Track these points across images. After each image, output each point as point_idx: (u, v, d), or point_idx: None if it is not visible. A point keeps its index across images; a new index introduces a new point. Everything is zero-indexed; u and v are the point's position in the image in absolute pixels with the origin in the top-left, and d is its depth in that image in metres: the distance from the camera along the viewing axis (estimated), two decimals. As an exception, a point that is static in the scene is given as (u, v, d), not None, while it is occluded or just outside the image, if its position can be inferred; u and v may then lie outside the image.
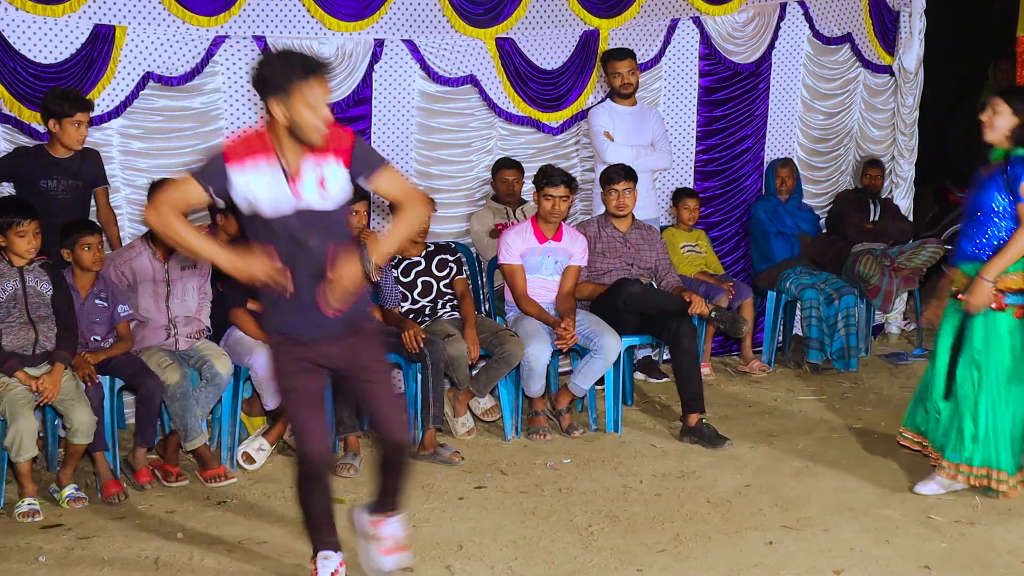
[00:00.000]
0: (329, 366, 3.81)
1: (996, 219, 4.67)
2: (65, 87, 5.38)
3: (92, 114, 5.47)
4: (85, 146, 5.38)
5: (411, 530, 4.50)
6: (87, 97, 5.42)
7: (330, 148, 3.56)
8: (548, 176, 5.81)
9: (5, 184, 5.38)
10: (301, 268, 3.59)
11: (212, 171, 3.54)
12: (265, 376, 5.30)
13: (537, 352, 5.59)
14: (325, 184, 3.57)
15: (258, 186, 3.54)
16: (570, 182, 5.85)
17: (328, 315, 3.61)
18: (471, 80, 6.42)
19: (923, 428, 5.03)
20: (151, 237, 5.29)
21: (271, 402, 5.42)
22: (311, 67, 3.43)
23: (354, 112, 6.18)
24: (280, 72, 3.42)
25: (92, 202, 5.49)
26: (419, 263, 5.87)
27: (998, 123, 4.65)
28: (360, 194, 5.63)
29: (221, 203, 3.63)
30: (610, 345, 5.65)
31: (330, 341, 3.71)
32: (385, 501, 3.99)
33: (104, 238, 5.27)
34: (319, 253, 3.59)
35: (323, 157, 3.56)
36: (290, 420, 3.89)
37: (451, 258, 5.92)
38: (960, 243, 4.85)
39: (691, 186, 7.11)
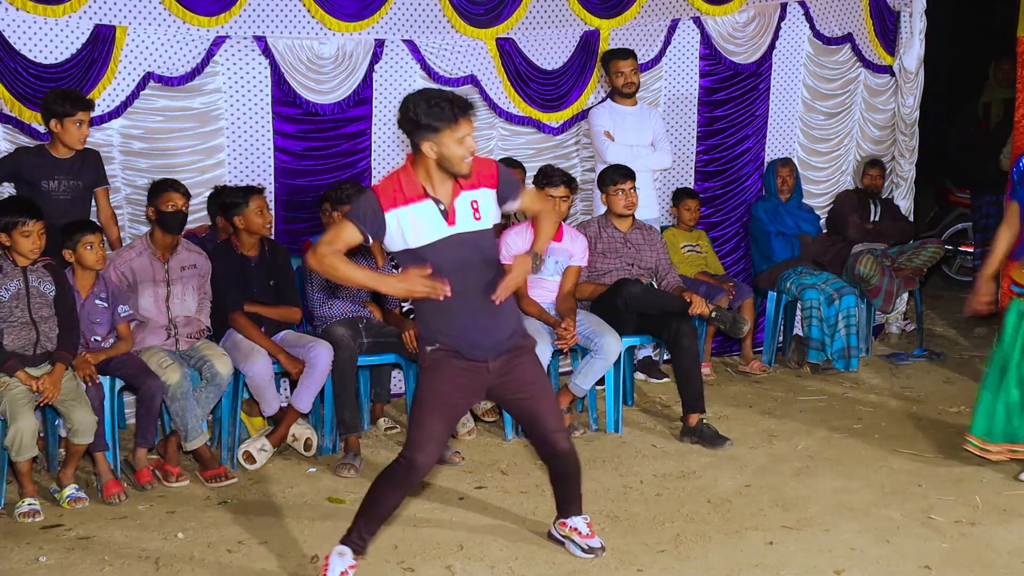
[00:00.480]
0: (488, 385, 4.02)
1: None
2: (65, 87, 5.39)
3: (93, 114, 5.47)
4: (86, 146, 5.39)
5: (411, 530, 4.51)
6: (88, 97, 5.42)
7: (478, 177, 3.86)
8: (548, 176, 5.81)
9: (5, 184, 5.38)
10: (463, 290, 3.82)
11: (367, 215, 3.79)
12: (261, 383, 5.31)
13: (537, 352, 5.58)
14: (479, 209, 3.86)
15: (414, 224, 3.79)
16: (570, 182, 5.85)
17: (495, 304, 3.85)
18: (471, 80, 6.42)
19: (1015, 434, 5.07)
20: (151, 237, 5.30)
21: (268, 409, 5.42)
22: (459, 109, 3.70)
23: (354, 112, 6.18)
24: (428, 114, 3.67)
25: (92, 202, 5.50)
26: (419, 263, 5.86)
27: None
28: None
29: (371, 241, 3.85)
30: (610, 345, 5.65)
31: (493, 357, 3.95)
32: (571, 507, 4.32)
33: (104, 238, 5.27)
34: (479, 273, 3.87)
35: (474, 186, 3.85)
36: (414, 419, 3.98)
37: (451, 258, 5.92)
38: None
39: (691, 186, 7.11)
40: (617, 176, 6.05)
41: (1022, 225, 5.03)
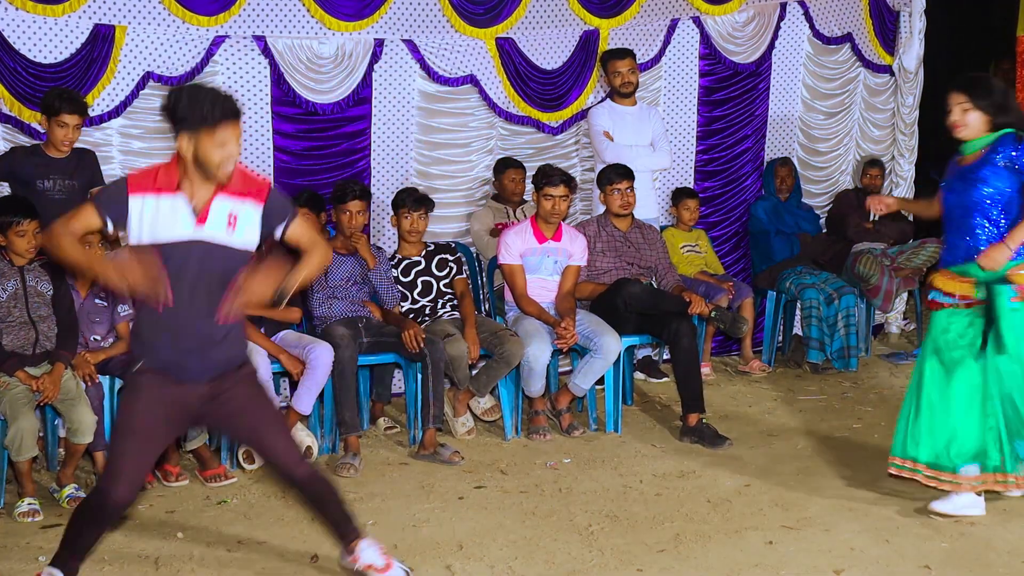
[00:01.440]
0: (197, 412, 3.71)
1: (993, 210, 4.52)
2: (67, 88, 5.38)
3: (93, 114, 5.47)
4: (82, 147, 5.38)
5: (411, 530, 4.51)
6: (86, 99, 5.41)
7: (247, 189, 3.59)
8: (548, 176, 5.81)
9: (3, 185, 5.38)
10: (190, 303, 3.53)
11: (111, 199, 3.54)
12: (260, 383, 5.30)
13: (537, 352, 5.59)
14: (235, 222, 3.56)
15: (155, 216, 3.51)
16: (570, 182, 5.85)
17: (219, 323, 3.54)
18: (471, 80, 6.42)
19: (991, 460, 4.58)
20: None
21: None
22: (222, 112, 3.43)
23: (354, 112, 6.18)
24: (188, 110, 3.43)
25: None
26: (419, 263, 5.87)
27: (971, 119, 4.58)
28: (358, 193, 5.64)
29: (111, 229, 3.56)
30: (610, 345, 5.64)
31: (205, 381, 3.62)
32: (348, 529, 3.92)
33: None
34: (213, 292, 3.54)
35: (238, 198, 3.57)
36: (112, 447, 3.76)
37: (451, 258, 5.93)
38: (950, 248, 4.66)
39: (691, 186, 7.11)
40: (614, 176, 6.05)
41: (946, 232, 4.68)
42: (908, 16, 7.44)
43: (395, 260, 5.88)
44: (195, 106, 3.43)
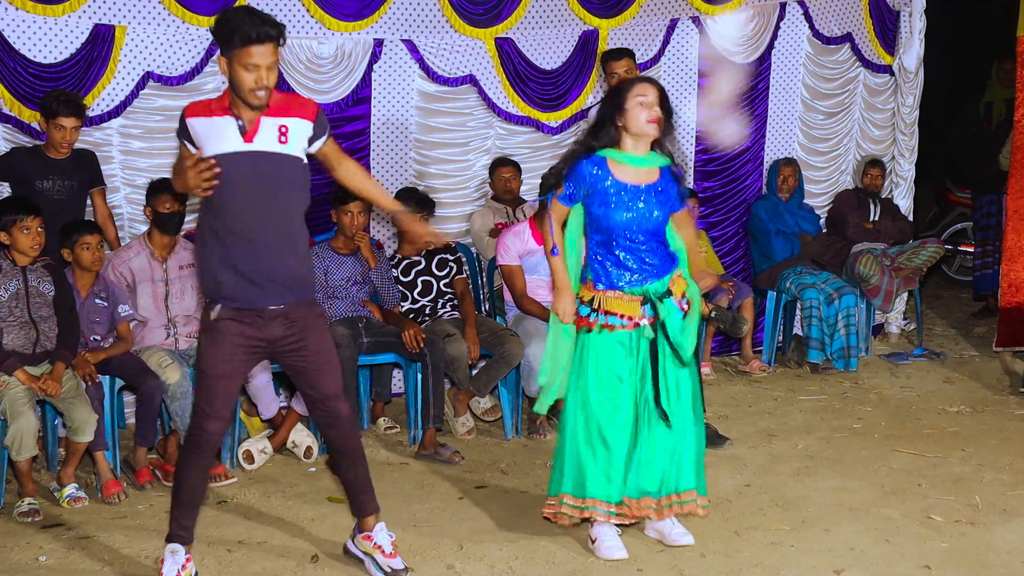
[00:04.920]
0: (274, 350, 3.86)
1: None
2: (69, 91, 5.38)
3: (92, 114, 5.47)
4: (81, 147, 5.39)
5: (411, 530, 4.51)
6: (85, 99, 5.42)
7: (294, 108, 3.74)
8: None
9: (3, 185, 5.38)
10: (249, 214, 3.67)
11: (180, 130, 3.75)
12: (260, 385, 5.31)
13: (537, 352, 5.58)
14: (287, 133, 3.70)
15: (208, 133, 3.68)
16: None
17: (289, 240, 3.73)
18: (470, 80, 6.42)
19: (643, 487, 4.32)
20: (149, 237, 5.30)
21: (266, 412, 5.42)
22: (256, 31, 3.53)
23: (353, 112, 6.18)
24: (225, 26, 3.56)
25: (88, 202, 5.49)
26: (419, 263, 5.87)
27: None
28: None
29: (195, 150, 3.70)
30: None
31: (281, 315, 3.78)
32: (366, 501, 4.09)
33: (103, 238, 5.27)
34: (275, 200, 3.69)
35: (286, 116, 3.71)
36: (198, 388, 3.91)
37: (451, 258, 5.93)
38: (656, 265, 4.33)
39: (691, 186, 7.10)
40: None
41: (585, 244, 4.39)
42: (908, 16, 7.43)
43: (395, 260, 5.88)
44: (228, 27, 3.54)
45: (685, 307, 4.30)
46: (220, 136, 3.67)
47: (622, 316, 4.25)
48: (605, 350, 4.25)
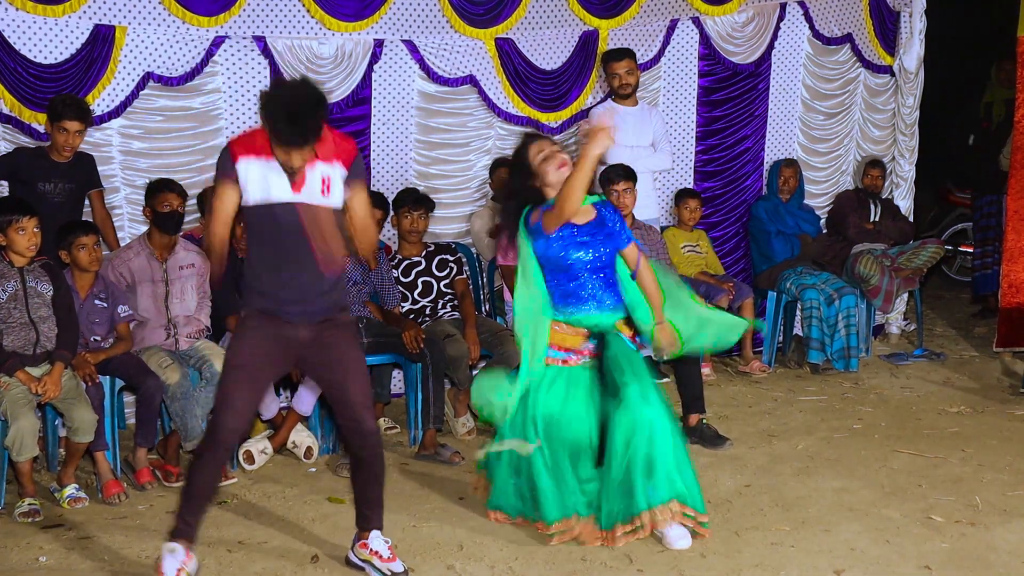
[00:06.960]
0: (298, 355, 3.95)
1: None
2: (73, 95, 5.39)
3: (93, 114, 5.46)
4: (80, 151, 5.40)
5: (411, 530, 4.51)
6: (87, 100, 5.43)
7: (335, 155, 3.80)
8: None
9: (3, 185, 5.39)
10: (295, 253, 3.78)
11: (226, 170, 3.76)
12: None
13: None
14: (329, 185, 3.79)
15: (260, 177, 3.74)
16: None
17: (324, 276, 3.81)
18: (470, 80, 6.42)
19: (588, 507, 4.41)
20: (149, 237, 5.30)
21: (266, 412, 5.43)
22: (289, 137, 3.62)
23: (353, 112, 6.18)
24: (266, 117, 3.63)
25: (86, 204, 5.50)
26: (419, 263, 5.87)
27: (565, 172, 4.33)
28: (374, 203, 5.64)
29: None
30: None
31: (305, 323, 3.88)
32: (373, 514, 4.12)
33: (101, 239, 5.27)
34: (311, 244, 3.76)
35: (329, 163, 3.79)
36: (220, 384, 3.96)
37: (451, 258, 5.93)
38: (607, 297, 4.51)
39: (691, 186, 7.11)
40: (614, 176, 6.05)
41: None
42: (908, 16, 7.43)
43: (395, 260, 5.88)
44: (269, 117, 3.61)
45: (637, 343, 4.48)
46: (270, 183, 3.75)
47: (567, 350, 4.43)
48: (551, 383, 4.41)
